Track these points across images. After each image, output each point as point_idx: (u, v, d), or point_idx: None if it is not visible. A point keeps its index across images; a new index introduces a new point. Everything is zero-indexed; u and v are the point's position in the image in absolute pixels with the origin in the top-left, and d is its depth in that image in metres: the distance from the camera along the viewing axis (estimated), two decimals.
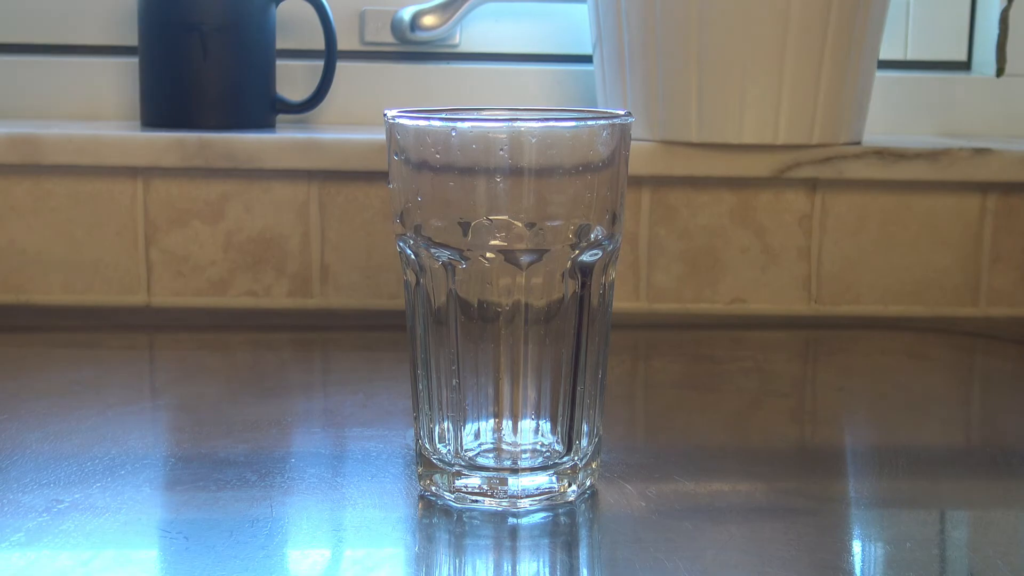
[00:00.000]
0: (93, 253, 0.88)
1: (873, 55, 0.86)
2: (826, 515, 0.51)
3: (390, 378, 0.71)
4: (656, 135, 0.86)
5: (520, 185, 0.47)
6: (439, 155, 0.48)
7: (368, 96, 0.99)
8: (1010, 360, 0.82)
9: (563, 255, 0.48)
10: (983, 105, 1.01)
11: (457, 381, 0.49)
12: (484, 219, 0.47)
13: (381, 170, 0.85)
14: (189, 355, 0.80)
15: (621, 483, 0.53)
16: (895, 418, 0.66)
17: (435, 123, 0.48)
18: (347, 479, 0.54)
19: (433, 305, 0.49)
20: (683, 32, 0.82)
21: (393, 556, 0.47)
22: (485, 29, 1.01)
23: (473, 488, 0.50)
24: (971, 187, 0.89)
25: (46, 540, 0.46)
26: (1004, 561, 0.47)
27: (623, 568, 0.45)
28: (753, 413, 0.67)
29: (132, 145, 0.85)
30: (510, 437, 0.49)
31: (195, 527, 0.48)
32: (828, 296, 0.90)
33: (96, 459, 0.55)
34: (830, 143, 0.86)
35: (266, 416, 0.62)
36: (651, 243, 0.89)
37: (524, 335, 0.48)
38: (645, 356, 0.82)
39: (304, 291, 0.89)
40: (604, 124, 0.48)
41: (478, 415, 0.49)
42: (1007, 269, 0.90)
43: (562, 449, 0.50)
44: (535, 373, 0.49)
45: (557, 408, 0.49)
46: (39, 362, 0.75)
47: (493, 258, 0.48)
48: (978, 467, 0.59)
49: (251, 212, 0.88)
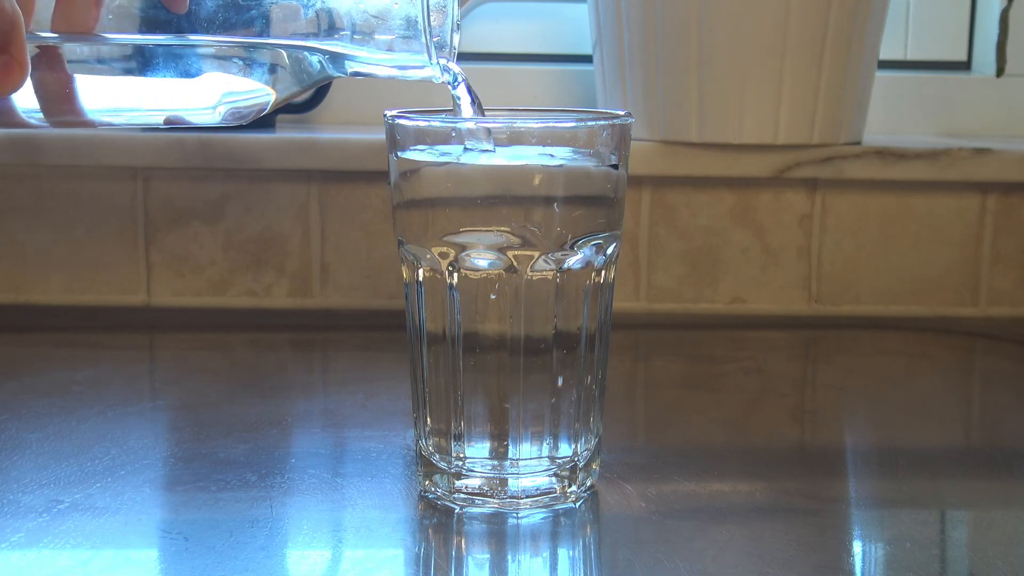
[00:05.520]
0: (93, 253, 0.88)
1: (873, 55, 0.86)
2: (826, 515, 0.51)
3: (390, 378, 0.70)
4: (656, 135, 0.86)
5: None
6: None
7: (368, 96, 0.99)
8: (1010, 360, 0.82)
9: (563, 256, 0.48)
10: (983, 105, 1.01)
11: (458, 381, 0.49)
12: (484, 220, 0.47)
13: (381, 170, 0.85)
14: (189, 355, 0.80)
15: (621, 483, 0.53)
16: (895, 418, 0.66)
17: (435, 123, 0.48)
18: (347, 479, 0.54)
19: (433, 305, 0.49)
20: (683, 32, 0.82)
21: (393, 557, 0.47)
22: (485, 29, 1.01)
23: (473, 489, 0.50)
24: (971, 187, 0.89)
25: (46, 540, 0.46)
26: (1004, 561, 0.47)
27: (623, 568, 0.45)
28: (753, 413, 0.67)
29: (132, 145, 0.85)
30: (511, 437, 0.49)
31: (195, 527, 0.48)
32: (828, 296, 0.90)
33: (96, 459, 0.55)
34: (830, 143, 0.86)
35: (266, 416, 0.62)
36: (651, 243, 0.89)
37: (524, 335, 0.48)
38: (645, 356, 0.82)
39: (304, 291, 0.89)
40: (604, 124, 0.48)
41: (479, 415, 0.49)
42: (1007, 269, 0.90)
43: (562, 449, 0.50)
44: (535, 373, 0.49)
45: (558, 408, 0.49)
46: (39, 362, 0.75)
47: (493, 259, 0.48)
48: (978, 467, 0.59)
49: (251, 212, 0.88)
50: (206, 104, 0.47)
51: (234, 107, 0.47)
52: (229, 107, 0.47)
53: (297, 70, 0.47)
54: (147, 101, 0.46)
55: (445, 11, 0.46)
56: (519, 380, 0.49)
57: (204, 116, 0.47)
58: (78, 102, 0.46)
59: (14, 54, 0.40)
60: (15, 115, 0.45)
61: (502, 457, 0.49)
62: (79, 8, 0.44)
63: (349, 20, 0.46)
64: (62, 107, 0.46)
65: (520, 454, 0.49)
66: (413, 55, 0.46)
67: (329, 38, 0.46)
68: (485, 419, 0.49)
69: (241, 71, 0.46)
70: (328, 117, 0.99)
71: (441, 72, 0.47)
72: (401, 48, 0.46)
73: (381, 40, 0.46)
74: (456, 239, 0.48)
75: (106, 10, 0.44)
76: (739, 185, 0.88)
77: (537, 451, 0.50)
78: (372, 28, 0.46)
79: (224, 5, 0.45)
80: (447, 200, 0.48)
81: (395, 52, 0.46)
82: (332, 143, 0.86)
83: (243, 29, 0.46)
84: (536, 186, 0.47)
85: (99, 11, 0.44)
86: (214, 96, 0.46)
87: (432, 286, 0.49)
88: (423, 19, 0.45)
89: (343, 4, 0.46)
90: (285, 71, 0.47)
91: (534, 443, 0.49)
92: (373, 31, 0.46)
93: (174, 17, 0.45)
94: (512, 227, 0.47)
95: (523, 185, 0.47)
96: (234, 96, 0.47)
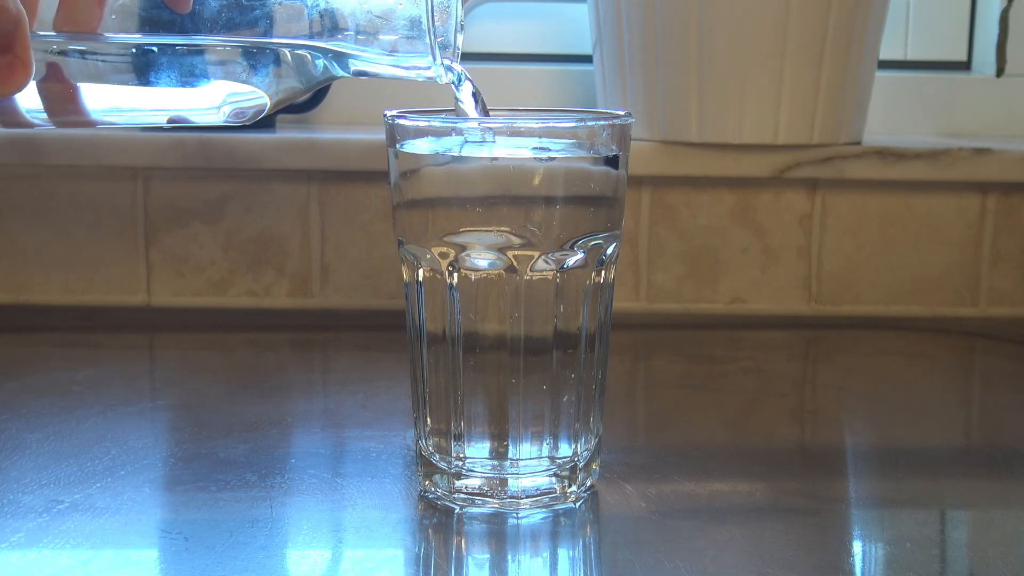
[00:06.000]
0: (93, 253, 0.88)
1: (873, 55, 0.86)
2: (826, 515, 0.51)
3: (390, 378, 0.70)
4: (656, 135, 0.86)
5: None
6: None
7: (368, 96, 0.99)
8: (1010, 360, 0.82)
9: (563, 256, 0.48)
10: (983, 105, 1.01)
11: (458, 381, 0.49)
12: (484, 220, 0.47)
13: (381, 170, 0.85)
14: (189, 355, 0.80)
15: (621, 483, 0.53)
16: (895, 418, 0.66)
17: (435, 123, 0.48)
18: (347, 479, 0.54)
19: (433, 305, 0.49)
20: (683, 32, 0.82)
21: (393, 557, 0.47)
22: (485, 29, 1.01)
23: (473, 489, 0.50)
24: (971, 187, 0.89)
25: (46, 540, 0.46)
26: (1004, 561, 0.47)
27: (623, 568, 0.45)
28: (753, 413, 0.67)
29: (132, 145, 0.85)
30: (511, 437, 0.49)
31: (195, 527, 0.48)
32: (828, 296, 0.90)
33: (96, 459, 0.55)
34: (830, 143, 0.86)
35: (266, 416, 0.62)
36: (651, 243, 0.89)
37: (524, 335, 0.48)
38: (645, 356, 0.82)
39: (304, 291, 0.89)
40: (604, 124, 0.48)
41: (479, 415, 0.49)
42: (1007, 269, 0.90)
43: (562, 449, 0.50)
44: (535, 373, 0.49)
45: (558, 408, 0.49)
46: (39, 362, 0.75)
47: (493, 259, 0.48)
48: (978, 467, 0.59)
49: (251, 212, 0.88)
50: (210, 104, 0.47)
51: (238, 107, 0.47)
52: (233, 107, 0.47)
53: (300, 70, 0.47)
54: (151, 101, 0.46)
55: (448, 11, 0.46)
56: (519, 380, 0.49)
57: (208, 116, 0.47)
58: (82, 102, 0.45)
59: (18, 54, 0.40)
60: (18, 115, 0.45)
61: (502, 457, 0.49)
62: (83, 8, 0.44)
63: (353, 20, 0.46)
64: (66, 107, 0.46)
65: (520, 454, 0.49)
66: (417, 55, 0.46)
67: (333, 38, 0.46)
68: (485, 419, 0.49)
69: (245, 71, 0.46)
70: (328, 117, 0.99)
71: (445, 72, 0.47)
72: (405, 48, 0.46)
73: (385, 40, 0.46)
74: (456, 239, 0.48)
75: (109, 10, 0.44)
76: (739, 185, 0.88)
77: (537, 451, 0.50)
78: (376, 28, 0.46)
79: (228, 5, 0.45)
80: (447, 200, 0.48)
81: (399, 52, 0.46)
82: (332, 143, 0.86)
83: (247, 29, 0.46)
84: (536, 186, 0.47)
85: (103, 10, 0.44)
86: (218, 96, 0.46)
87: (432, 286, 0.49)
88: (427, 19, 0.45)
89: (347, 4, 0.46)
90: (288, 71, 0.47)
91: (534, 443, 0.49)
92: (377, 31, 0.46)
93: (177, 17, 0.45)
94: (512, 227, 0.47)
95: (523, 185, 0.47)
96: (238, 96, 0.47)
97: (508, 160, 0.47)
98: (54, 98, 0.45)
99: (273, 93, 0.47)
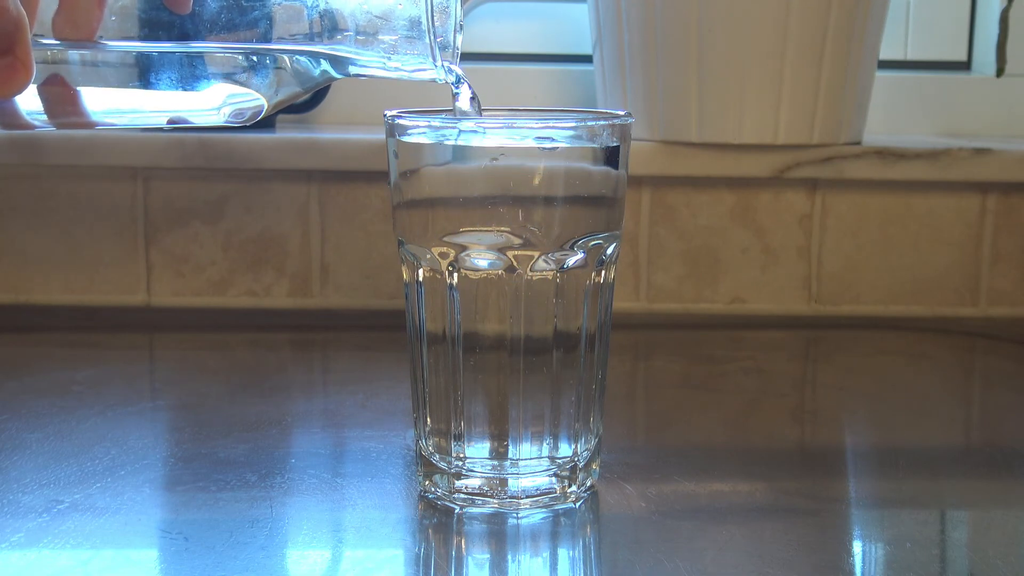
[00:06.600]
0: (93, 253, 0.88)
1: (873, 55, 0.86)
2: (826, 515, 0.51)
3: (390, 378, 0.70)
4: (656, 135, 0.86)
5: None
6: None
7: (368, 96, 0.99)
8: (1010, 360, 0.82)
9: (563, 256, 0.48)
10: (983, 105, 1.01)
11: (458, 381, 0.49)
12: (484, 220, 0.47)
13: (381, 170, 0.85)
14: (189, 355, 0.80)
15: (621, 483, 0.53)
16: (895, 418, 0.66)
17: (435, 123, 0.48)
18: (347, 480, 0.54)
19: (433, 305, 0.49)
20: (683, 32, 0.82)
21: (393, 557, 0.47)
22: (485, 29, 1.01)
23: (473, 489, 0.50)
24: (971, 187, 0.89)
25: (46, 540, 0.46)
26: (1004, 561, 0.47)
27: (623, 568, 0.45)
28: (753, 413, 0.67)
29: (132, 145, 0.85)
30: (511, 437, 0.49)
31: (195, 527, 0.48)
32: (828, 296, 0.90)
33: (96, 459, 0.55)
34: (830, 143, 0.86)
35: (266, 416, 0.62)
36: (651, 243, 0.89)
37: (524, 335, 0.48)
38: (645, 356, 0.82)
39: (304, 291, 0.89)
40: (604, 124, 0.48)
41: (479, 415, 0.49)
42: (1007, 269, 0.90)
43: (562, 449, 0.50)
44: (535, 373, 0.49)
45: (558, 408, 0.49)
46: (39, 362, 0.75)
47: (493, 259, 0.48)
48: (978, 467, 0.59)
49: (251, 212, 0.88)
50: (210, 105, 0.47)
51: (238, 108, 0.47)
52: (233, 108, 0.47)
53: (300, 71, 0.47)
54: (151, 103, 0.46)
55: (448, 12, 0.46)
56: (519, 380, 0.49)
57: (208, 117, 0.47)
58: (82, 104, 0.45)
59: (19, 55, 0.40)
60: (19, 117, 0.45)
61: (502, 457, 0.49)
62: (83, 9, 0.44)
63: (353, 21, 0.46)
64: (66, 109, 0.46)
65: (520, 454, 0.49)
66: (417, 56, 0.46)
67: (332, 39, 0.46)
68: (485, 419, 0.49)
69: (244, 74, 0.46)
70: (328, 117, 0.99)
71: (445, 73, 0.47)
72: (405, 49, 0.46)
73: (384, 41, 0.46)
74: (456, 239, 0.48)
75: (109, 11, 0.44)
76: (739, 185, 0.88)
77: (537, 451, 0.50)
78: (376, 29, 0.46)
79: (227, 6, 0.45)
80: (447, 200, 0.48)
81: (398, 53, 0.46)
82: (332, 143, 0.86)
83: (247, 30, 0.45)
84: (536, 186, 0.47)
85: (102, 12, 0.44)
86: (218, 98, 0.46)
87: (432, 286, 0.49)
88: (427, 20, 0.45)
89: (347, 5, 0.46)
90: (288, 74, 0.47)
91: (534, 443, 0.49)
92: (377, 32, 0.46)
93: (177, 18, 0.45)
94: (512, 227, 0.47)
95: (523, 185, 0.47)
96: (238, 97, 0.47)
97: (508, 160, 0.47)
98: (54, 100, 0.45)
99: (272, 95, 0.47)
